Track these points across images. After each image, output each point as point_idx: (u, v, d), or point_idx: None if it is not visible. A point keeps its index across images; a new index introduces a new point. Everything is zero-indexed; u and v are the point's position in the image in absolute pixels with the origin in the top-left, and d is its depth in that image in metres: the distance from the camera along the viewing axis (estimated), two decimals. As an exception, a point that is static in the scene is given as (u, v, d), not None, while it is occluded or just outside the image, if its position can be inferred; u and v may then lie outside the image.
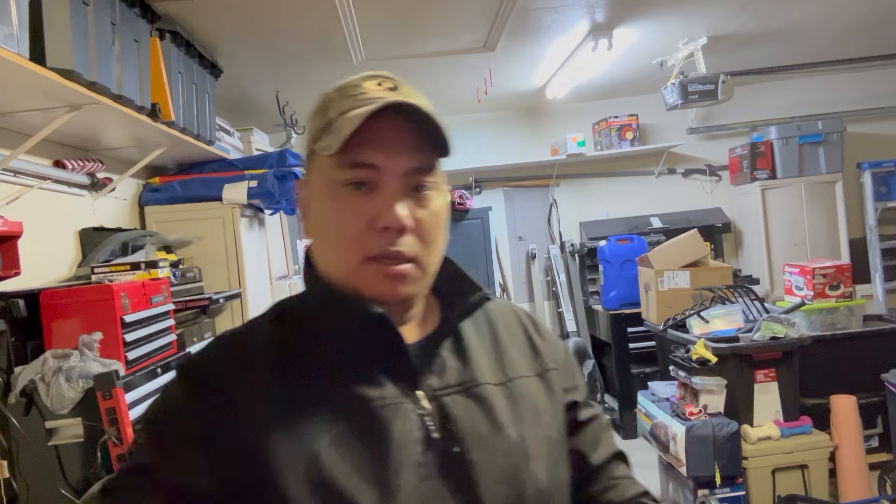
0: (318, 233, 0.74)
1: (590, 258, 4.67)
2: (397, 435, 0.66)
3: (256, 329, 0.75)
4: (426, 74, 3.80)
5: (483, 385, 0.73)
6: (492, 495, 0.67)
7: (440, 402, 0.70)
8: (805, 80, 5.02)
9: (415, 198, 0.70)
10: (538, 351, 0.82)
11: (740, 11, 3.31)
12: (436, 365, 0.73)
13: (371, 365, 0.70)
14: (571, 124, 5.03)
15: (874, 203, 4.69)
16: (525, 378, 0.78)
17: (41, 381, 1.55)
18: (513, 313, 0.85)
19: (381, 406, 0.67)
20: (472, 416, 0.70)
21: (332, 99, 0.73)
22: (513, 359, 0.78)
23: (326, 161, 0.70)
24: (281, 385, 0.68)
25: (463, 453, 0.68)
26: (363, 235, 0.69)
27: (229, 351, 0.73)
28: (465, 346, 0.76)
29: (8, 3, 1.48)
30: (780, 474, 2.72)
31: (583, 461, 0.81)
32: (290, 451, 0.64)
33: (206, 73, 2.95)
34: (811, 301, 3.19)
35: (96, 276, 2.10)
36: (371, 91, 0.71)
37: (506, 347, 0.79)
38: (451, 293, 0.79)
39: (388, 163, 0.69)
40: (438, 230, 0.73)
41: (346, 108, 0.69)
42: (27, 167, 2.13)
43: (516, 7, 2.82)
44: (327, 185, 0.71)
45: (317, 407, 0.67)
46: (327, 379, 0.68)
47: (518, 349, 0.80)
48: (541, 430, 0.75)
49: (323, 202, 0.72)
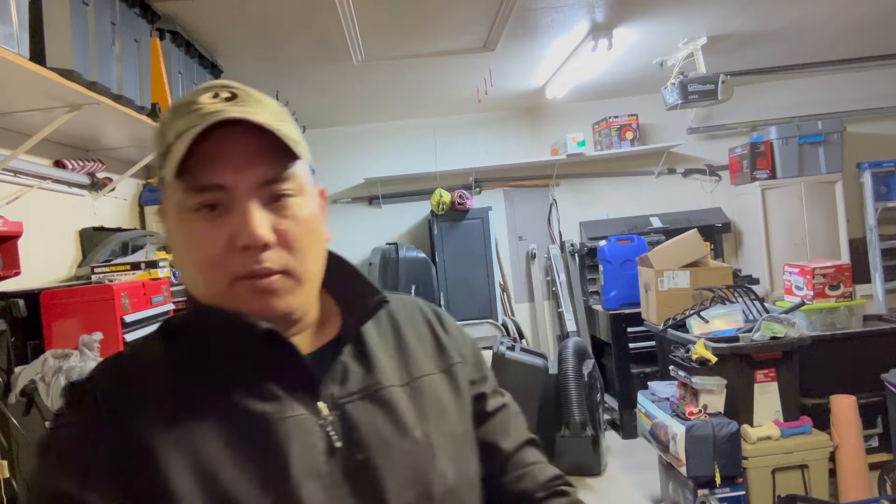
0: (181, 261, 0.70)
1: (590, 258, 4.67)
2: (298, 448, 0.65)
3: (144, 352, 0.72)
4: (426, 74, 3.80)
5: (387, 388, 0.73)
6: (399, 499, 0.68)
7: (342, 410, 0.69)
8: (805, 80, 5.02)
9: (275, 209, 0.67)
10: (443, 346, 0.82)
11: (740, 11, 3.31)
12: (337, 372, 0.71)
13: (267, 380, 0.67)
14: (571, 124, 5.04)
15: (874, 203, 4.69)
16: (430, 376, 0.78)
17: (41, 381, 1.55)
18: (418, 310, 0.85)
19: (279, 420, 0.65)
20: (376, 420, 0.70)
21: (167, 121, 0.68)
22: (417, 358, 0.78)
23: (173, 187, 0.66)
24: (177, 407, 0.65)
25: (367, 460, 0.68)
26: (226, 257, 0.66)
27: (122, 375, 0.69)
28: (367, 349, 0.75)
29: (8, 3, 1.48)
30: (780, 474, 2.72)
31: (495, 450, 0.82)
32: (189, 475, 0.62)
33: (206, 73, 2.95)
34: (811, 301, 3.19)
35: (96, 276, 2.10)
36: (206, 105, 0.66)
37: (410, 347, 0.79)
38: (350, 297, 0.78)
39: (236, 179, 0.65)
40: (309, 236, 0.70)
41: (182, 128, 0.65)
42: (27, 167, 2.14)
43: (516, 7, 2.82)
44: (178, 212, 0.67)
45: (214, 428, 0.64)
46: (223, 399, 0.66)
47: (423, 347, 0.80)
48: (447, 427, 0.75)
49: (179, 230, 0.68)
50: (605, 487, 3.56)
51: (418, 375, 0.77)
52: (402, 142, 5.04)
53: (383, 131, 5.07)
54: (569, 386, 3.63)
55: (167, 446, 0.62)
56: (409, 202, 5.06)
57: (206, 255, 0.66)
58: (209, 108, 0.66)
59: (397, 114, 4.87)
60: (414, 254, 4.44)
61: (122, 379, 0.69)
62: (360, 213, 5.08)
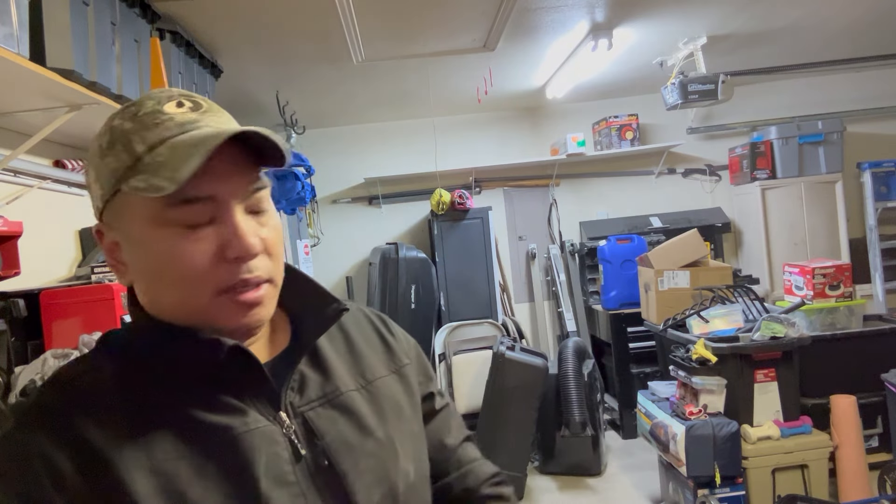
0: (147, 276, 0.67)
1: (590, 258, 4.67)
2: (265, 459, 0.65)
3: (90, 370, 0.68)
4: (426, 74, 3.80)
5: (345, 393, 0.74)
6: (367, 499, 0.69)
7: (304, 417, 0.70)
8: (805, 80, 5.02)
9: (256, 217, 0.68)
10: (392, 349, 0.84)
11: (740, 11, 3.31)
12: (294, 382, 0.71)
13: (229, 393, 0.67)
14: (571, 124, 5.04)
15: (874, 203, 4.69)
16: (383, 378, 0.80)
17: (41, 380, 1.55)
18: (363, 315, 0.87)
19: (244, 432, 0.65)
20: (338, 426, 0.71)
21: (129, 130, 0.64)
22: (369, 361, 0.80)
23: (144, 201, 0.63)
24: (136, 426, 0.63)
25: (333, 465, 0.68)
26: (214, 269, 0.64)
27: (74, 394, 0.65)
28: (321, 357, 0.75)
29: (8, 3, 1.48)
30: (780, 474, 2.73)
31: (440, 446, 0.86)
32: (155, 494, 0.60)
33: (206, 73, 2.95)
34: (811, 301, 3.19)
35: (96, 276, 2.10)
36: (177, 115, 0.65)
37: (361, 351, 0.80)
38: (301, 305, 0.77)
39: (224, 190, 0.64)
40: (281, 244, 0.71)
41: (157, 139, 0.63)
42: (27, 167, 2.14)
43: (516, 7, 2.82)
44: (152, 225, 0.64)
45: (178, 445, 0.63)
46: (184, 415, 0.64)
47: (373, 350, 0.82)
48: (405, 426, 0.78)
49: (151, 244, 0.64)
50: (605, 487, 3.56)
51: (372, 378, 0.78)
52: (402, 142, 5.03)
53: (383, 131, 5.07)
54: (569, 386, 3.63)
55: (131, 469, 0.60)
56: (409, 202, 5.06)
57: (187, 268, 0.64)
58: (182, 118, 0.64)
59: (397, 114, 4.87)
60: (414, 254, 4.44)
61: (74, 399, 0.64)
62: (360, 213, 5.07)
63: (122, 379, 0.66)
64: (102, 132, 0.66)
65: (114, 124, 0.65)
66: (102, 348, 0.71)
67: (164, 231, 0.64)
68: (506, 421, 3.53)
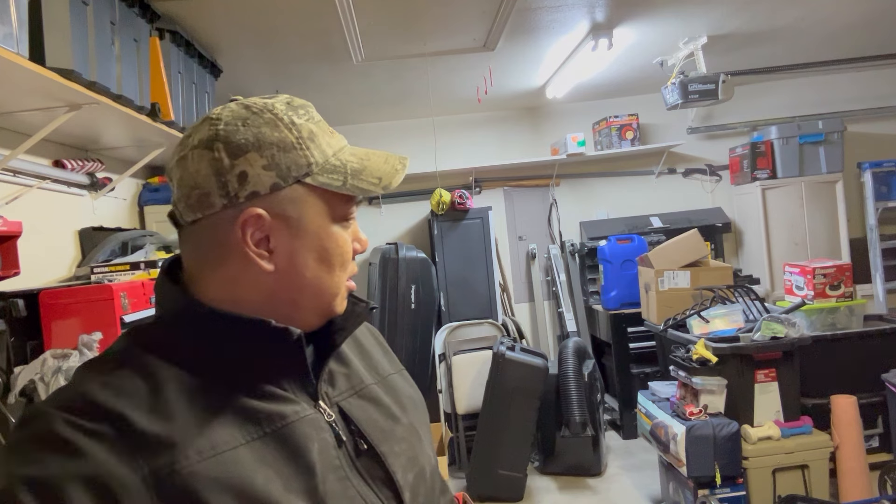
0: (311, 268, 0.72)
1: (590, 258, 4.67)
2: (317, 445, 0.69)
3: (134, 362, 0.66)
4: (426, 74, 3.80)
5: (368, 385, 0.81)
6: (405, 480, 0.75)
7: (339, 406, 0.75)
8: (805, 80, 5.02)
9: None
10: (389, 353, 0.93)
11: (740, 11, 3.31)
12: (325, 374, 0.76)
13: (275, 384, 0.70)
14: (571, 124, 5.03)
15: (874, 203, 4.68)
16: (392, 375, 0.88)
17: (41, 381, 1.55)
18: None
19: (296, 421, 0.69)
20: (370, 413, 0.77)
21: (316, 133, 0.76)
22: (378, 361, 0.87)
23: (325, 194, 0.73)
24: (196, 416, 0.64)
25: (372, 447, 0.74)
26: (348, 262, 0.77)
27: (131, 384, 0.64)
28: (342, 353, 0.82)
29: (8, 3, 1.48)
30: (781, 474, 2.72)
31: None
32: (222, 480, 0.61)
33: (206, 73, 2.95)
34: (811, 301, 3.19)
35: (96, 276, 2.10)
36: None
37: (369, 351, 0.88)
38: None
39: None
40: None
41: (338, 146, 0.78)
42: (27, 167, 2.13)
43: (516, 7, 2.82)
44: (327, 217, 0.74)
45: (238, 431, 0.65)
46: (239, 404, 0.66)
47: (378, 352, 0.90)
48: (421, 417, 0.86)
49: (323, 231, 0.73)
50: (606, 487, 3.55)
51: (385, 375, 0.86)
52: (402, 142, 5.03)
53: (383, 131, 5.07)
54: (569, 386, 3.63)
55: (197, 456, 0.61)
56: (409, 202, 5.05)
57: (346, 252, 0.76)
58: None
59: (397, 114, 4.87)
60: (414, 254, 4.44)
61: (136, 392, 0.63)
62: (359, 213, 4.99)
63: (175, 371, 0.66)
64: (287, 123, 0.72)
65: (299, 122, 0.74)
66: (139, 343, 0.69)
67: (335, 223, 0.75)
68: (506, 421, 3.52)
